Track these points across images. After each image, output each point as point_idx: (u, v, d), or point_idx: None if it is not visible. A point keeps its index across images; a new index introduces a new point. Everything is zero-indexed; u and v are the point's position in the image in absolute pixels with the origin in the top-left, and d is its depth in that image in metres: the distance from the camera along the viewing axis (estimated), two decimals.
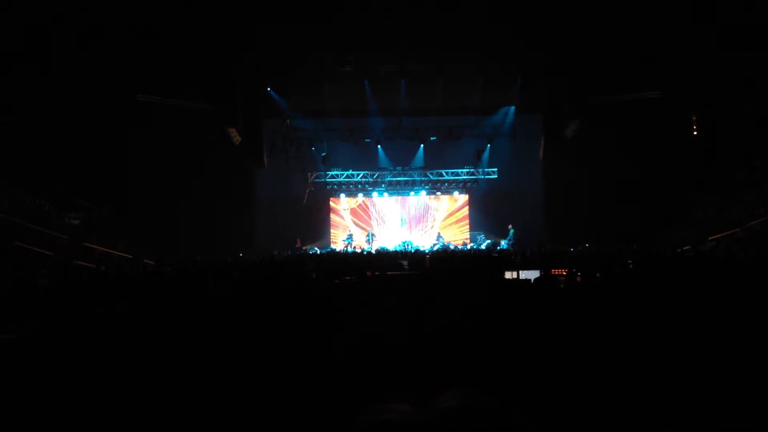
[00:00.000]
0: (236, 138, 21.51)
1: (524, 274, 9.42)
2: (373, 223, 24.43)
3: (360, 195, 24.38)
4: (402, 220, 24.43)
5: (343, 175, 23.84)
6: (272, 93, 22.50)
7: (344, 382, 2.70)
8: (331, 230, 24.43)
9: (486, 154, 23.67)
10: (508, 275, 9.51)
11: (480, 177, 23.71)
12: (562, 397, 2.53)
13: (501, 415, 0.78)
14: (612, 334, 3.32)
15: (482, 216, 24.02)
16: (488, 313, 4.03)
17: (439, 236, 23.41)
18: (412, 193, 24.34)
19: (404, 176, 24.12)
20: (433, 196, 24.54)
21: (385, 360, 2.97)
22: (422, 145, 23.69)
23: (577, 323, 3.67)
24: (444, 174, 23.91)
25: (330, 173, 23.69)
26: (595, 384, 2.65)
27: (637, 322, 3.65)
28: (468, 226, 24.24)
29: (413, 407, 0.80)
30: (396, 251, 20.53)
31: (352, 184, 24.10)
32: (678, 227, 19.60)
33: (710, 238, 17.61)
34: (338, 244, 23.63)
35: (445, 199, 24.57)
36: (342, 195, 24.39)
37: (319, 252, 21.33)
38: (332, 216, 24.57)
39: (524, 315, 3.99)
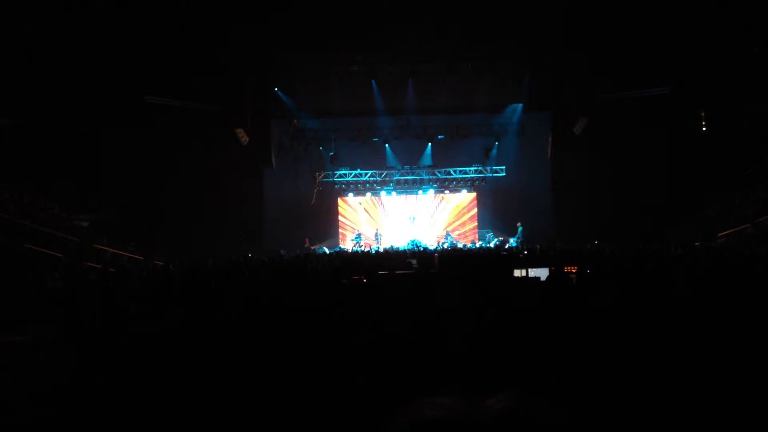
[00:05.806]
0: (244, 138, 21.54)
1: (533, 272, 9.39)
2: (381, 222, 24.40)
3: (368, 194, 24.35)
4: (412, 218, 24.36)
5: (351, 174, 23.81)
6: (280, 93, 22.53)
7: (370, 381, 2.69)
8: (340, 230, 24.41)
9: (494, 152, 23.59)
10: (516, 273, 9.48)
11: (488, 175, 23.64)
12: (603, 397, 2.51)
13: (555, 421, 0.78)
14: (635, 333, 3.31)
15: (491, 214, 23.98)
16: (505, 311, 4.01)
17: (447, 234, 23.37)
18: (420, 191, 24.28)
19: (412, 175, 24.07)
20: (441, 195, 24.48)
21: (404, 358, 2.96)
22: (430, 144, 23.67)
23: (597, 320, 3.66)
24: (452, 172, 23.85)
25: (338, 173, 23.67)
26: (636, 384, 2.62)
27: (649, 322, 3.63)
28: (476, 225, 24.18)
29: (466, 405, 0.80)
30: (405, 250, 20.53)
31: (360, 183, 24.06)
32: (688, 224, 19.47)
33: (720, 234, 17.49)
34: (347, 243, 23.64)
35: (453, 197, 24.51)
36: (350, 194, 24.37)
37: (327, 251, 21.33)
38: (340, 215, 24.55)
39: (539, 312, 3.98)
